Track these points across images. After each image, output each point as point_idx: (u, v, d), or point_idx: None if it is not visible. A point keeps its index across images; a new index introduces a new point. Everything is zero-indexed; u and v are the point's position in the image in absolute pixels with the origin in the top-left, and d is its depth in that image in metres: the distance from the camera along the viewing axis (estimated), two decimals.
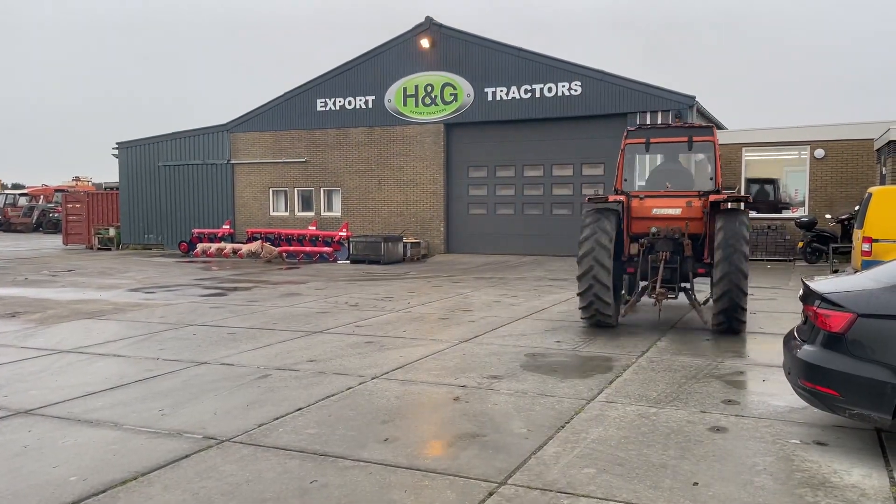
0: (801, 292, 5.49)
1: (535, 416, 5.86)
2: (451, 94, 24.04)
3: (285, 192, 26.77)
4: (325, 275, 18.33)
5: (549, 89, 22.83)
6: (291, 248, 23.35)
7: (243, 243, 24.38)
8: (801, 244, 19.62)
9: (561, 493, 4.31)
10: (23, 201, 48.90)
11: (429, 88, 24.33)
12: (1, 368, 7.82)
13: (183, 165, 28.13)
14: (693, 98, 21.32)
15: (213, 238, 25.63)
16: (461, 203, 24.81)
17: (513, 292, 14.18)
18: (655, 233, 10.07)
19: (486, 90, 23.58)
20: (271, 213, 26.82)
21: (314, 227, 24.30)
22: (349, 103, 25.48)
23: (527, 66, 23.09)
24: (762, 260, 20.28)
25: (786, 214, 21.44)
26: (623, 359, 8.01)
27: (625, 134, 10.91)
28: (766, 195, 21.97)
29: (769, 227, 20.93)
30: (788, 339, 5.59)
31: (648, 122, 21.62)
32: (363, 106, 25.26)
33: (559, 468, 4.71)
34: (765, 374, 7.32)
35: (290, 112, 26.38)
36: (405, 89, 24.62)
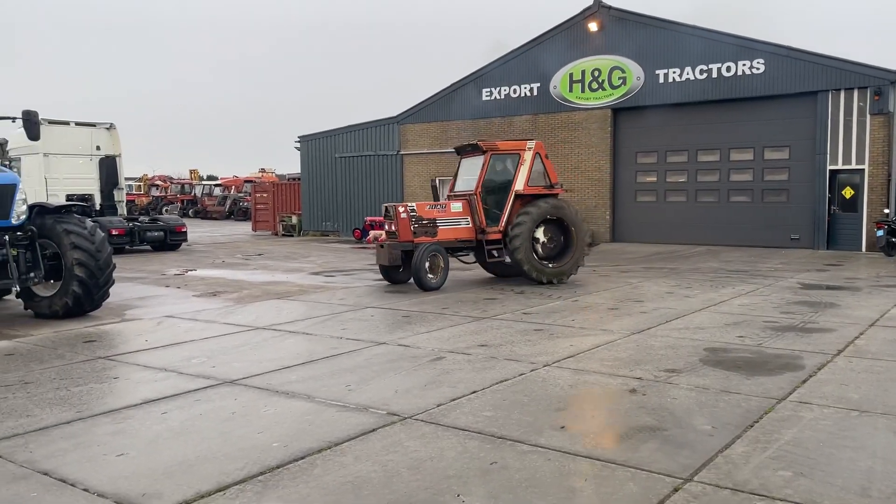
0: None
1: (719, 413, 5.59)
2: (619, 78, 23.36)
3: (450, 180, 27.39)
4: None
5: (728, 69, 21.53)
6: None
7: None
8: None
9: (754, 494, 4.08)
10: (217, 191, 53.81)
11: (596, 73, 23.80)
12: (209, 342, 8.69)
13: (357, 157, 29.61)
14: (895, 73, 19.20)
15: (383, 226, 26.76)
16: (628, 190, 24.10)
17: (686, 283, 13.58)
18: None
19: (657, 72, 22.68)
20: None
21: None
22: (514, 91, 25.53)
23: (702, 44, 21.91)
24: None
25: None
26: (816, 357, 7.42)
27: None
28: None
29: None
30: None
31: (842, 101, 19.78)
32: (528, 94, 25.21)
33: (750, 469, 4.46)
34: None
35: (455, 103, 26.88)
36: (571, 75, 24.26)
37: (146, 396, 6.29)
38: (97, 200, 21.96)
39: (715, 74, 21.73)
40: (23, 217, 10.04)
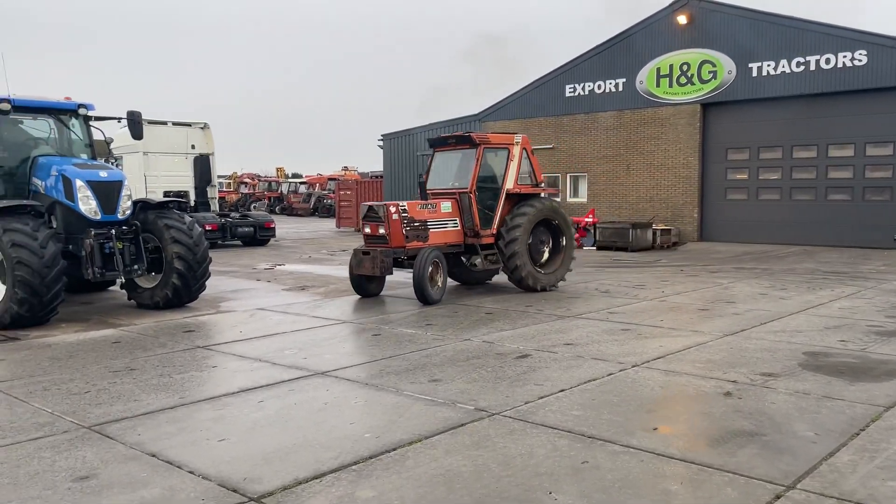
0: None
1: (821, 420, 5.34)
2: (709, 72, 22.63)
3: None
4: None
5: (827, 61, 20.51)
6: None
7: None
8: None
9: None
10: (302, 189, 55.29)
11: (684, 67, 23.14)
12: (300, 334, 8.96)
13: None
14: None
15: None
16: (718, 188, 23.33)
17: (781, 285, 13.03)
18: None
19: (749, 66, 21.84)
20: None
21: None
22: (598, 87, 25.12)
23: (799, 36, 20.96)
24: None
25: None
26: None
27: None
28: None
29: None
30: None
31: None
32: (613, 89, 24.76)
33: (857, 478, 4.25)
34: None
35: (538, 99, 26.69)
36: (658, 69, 23.67)
37: (243, 385, 6.54)
38: (192, 197, 22.94)
39: (813, 67, 20.74)
40: (128, 212, 10.61)
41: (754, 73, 21.77)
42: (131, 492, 4.17)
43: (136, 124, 11.71)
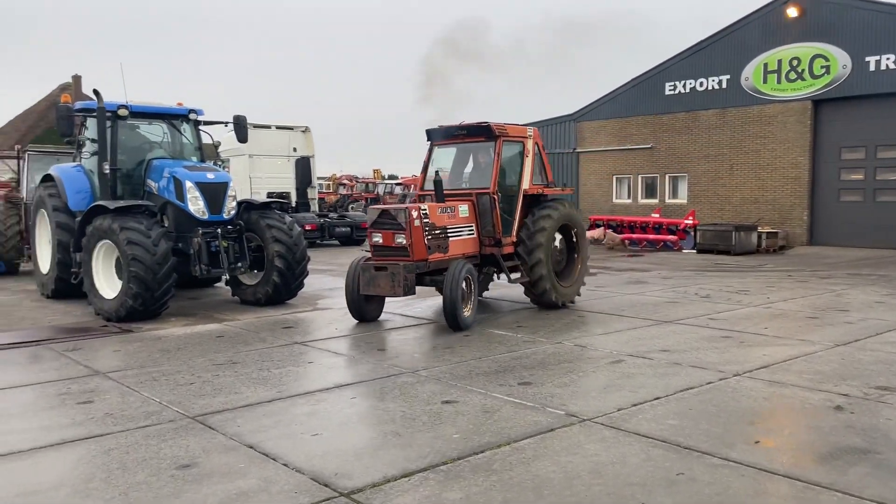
0: None
1: None
2: (821, 67, 21.38)
3: (628, 179, 26.54)
4: (669, 264, 17.78)
5: None
6: (634, 235, 23.11)
7: (586, 230, 24.83)
8: None
9: None
10: (397, 190, 56.20)
11: (794, 62, 21.95)
12: (392, 333, 9.07)
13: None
14: None
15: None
16: (830, 189, 21.99)
17: None
18: None
19: (866, 59, 20.47)
20: (614, 201, 26.84)
21: (657, 215, 23.73)
22: (700, 85, 24.21)
23: None
24: None
25: None
26: None
27: None
28: None
29: None
30: None
31: None
32: (716, 86, 23.80)
33: None
34: None
35: (636, 98, 26.01)
36: (766, 65, 22.57)
37: (337, 381, 6.70)
38: (293, 198, 23.76)
39: None
40: (233, 212, 11.09)
41: (872, 67, 20.39)
42: (229, 482, 4.34)
43: (241, 128, 12.25)
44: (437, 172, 9.93)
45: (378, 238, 9.25)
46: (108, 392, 6.36)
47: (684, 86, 24.63)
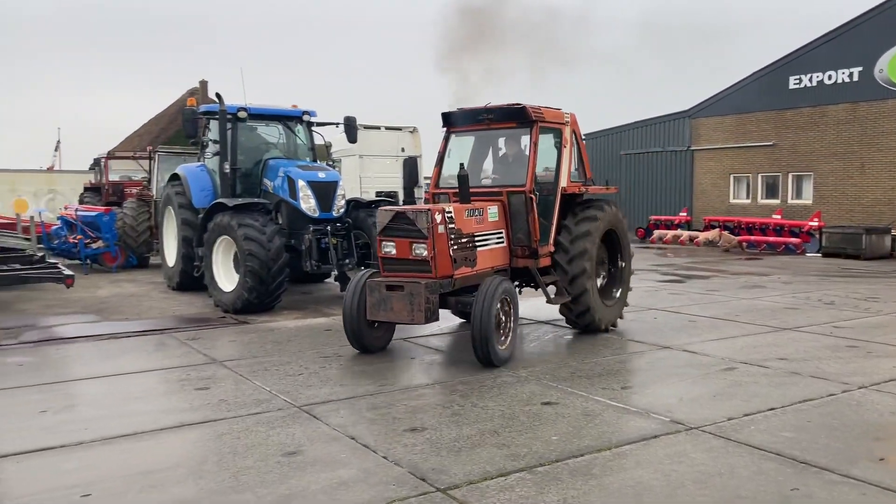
0: None
1: None
2: None
3: (747, 178, 25.26)
4: (791, 268, 16.79)
5: None
6: (752, 237, 21.99)
7: (700, 231, 23.88)
8: None
9: None
10: None
11: None
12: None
13: (642, 153, 28.78)
14: None
15: (669, 225, 25.71)
16: None
17: None
18: None
19: None
20: (731, 201, 25.62)
21: (779, 216, 22.46)
22: (829, 78, 22.69)
23: None
24: None
25: None
26: None
27: None
28: None
29: None
30: None
31: None
32: (846, 79, 22.23)
33: None
34: None
35: (757, 93, 24.70)
36: None
37: (437, 378, 6.77)
38: (400, 197, 24.21)
39: None
40: (342, 210, 11.44)
41: None
42: (331, 471, 4.47)
43: (351, 129, 12.61)
44: (461, 165, 7.90)
45: (390, 248, 7.38)
46: (223, 380, 6.71)
47: (810, 79, 23.16)
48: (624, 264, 9.34)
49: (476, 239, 7.68)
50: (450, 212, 7.32)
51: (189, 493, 4.17)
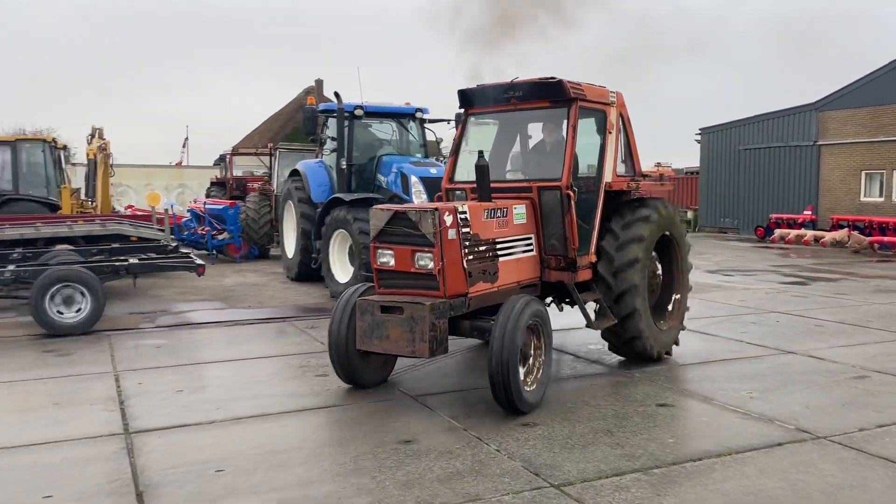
0: None
1: None
2: None
3: (881, 174, 23.57)
4: None
5: None
6: (885, 238, 20.48)
7: (826, 231, 22.48)
8: None
9: None
10: None
11: None
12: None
13: (764, 148, 27.41)
14: None
15: (791, 224, 24.36)
16: None
17: None
18: None
19: None
20: (861, 199, 24.00)
21: None
22: None
23: None
24: None
25: None
26: None
27: None
28: None
29: None
30: None
31: None
32: None
33: None
34: None
35: (893, 84, 22.96)
36: None
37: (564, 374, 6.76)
38: None
39: None
40: None
41: None
42: (445, 460, 4.57)
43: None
44: (480, 154, 6.33)
45: (388, 258, 5.87)
46: None
47: None
48: (680, 277, 7.68)
49: (498, 246, 6.15)
50: (464, 212, 5.83)
51: (313, 474, 4.39)
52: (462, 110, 7.20)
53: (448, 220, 5.62)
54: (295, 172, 13.38)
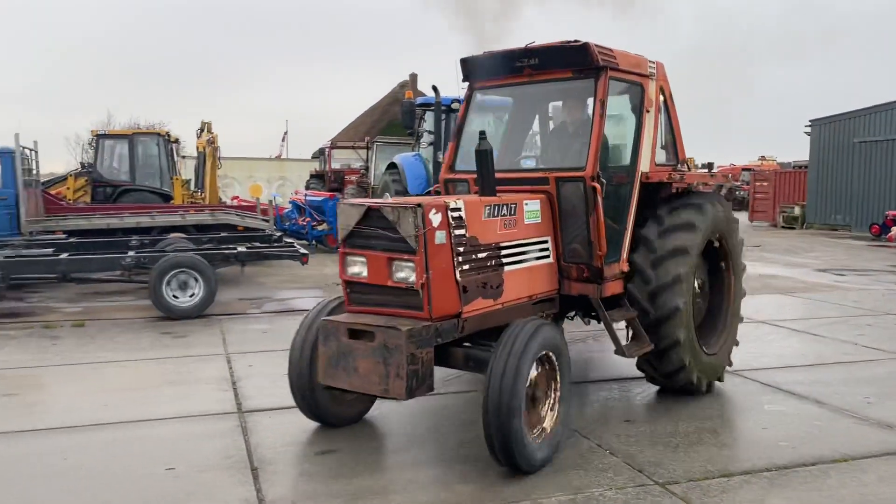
0: None
1: None
2: None
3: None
4: None
5: None
6: None
7: None
8: None
9: None
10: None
11: None
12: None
13: (882, 141, 25.74)
14: None
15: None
16: None
17: None
18: None
19: None
20: None
21: None
22: None
23: None
24: None
25: None
26: None
27: None
28: None
29: None
30: None
31: None
32: None
33: None
34: None
35: None
36: None
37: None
38: None
39: None
40: None
41: None
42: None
43: None
44: (482, 135, 5.00)
45: (358, 267, 4.64)
46: None
47: None
48: (731, 290, 6.23)
49: (503, 252, 4.88)
50: (457, 209, 4.53)
51: (423, 457, 4.52)
52: (465, 84, 5.86)
53: (435, 219, 4.33)
54: (392, 165, 13.62)
